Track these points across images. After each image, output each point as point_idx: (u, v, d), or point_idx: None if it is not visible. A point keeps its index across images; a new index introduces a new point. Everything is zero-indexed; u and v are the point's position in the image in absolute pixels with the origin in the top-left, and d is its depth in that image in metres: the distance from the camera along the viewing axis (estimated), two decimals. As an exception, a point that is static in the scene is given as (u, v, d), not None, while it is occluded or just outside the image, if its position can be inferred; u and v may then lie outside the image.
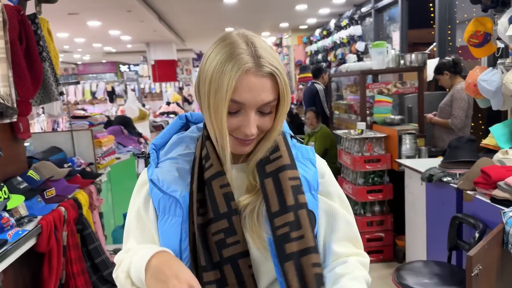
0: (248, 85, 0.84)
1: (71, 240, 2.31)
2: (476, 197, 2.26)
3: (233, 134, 0.89)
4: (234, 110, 0.87)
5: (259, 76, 0.84)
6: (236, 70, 0.83)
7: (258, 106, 0.86)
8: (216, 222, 0.88)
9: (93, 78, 17.39)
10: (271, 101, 0.87)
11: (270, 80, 0.86)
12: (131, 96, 6.11)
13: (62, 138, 3.06)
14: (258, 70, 0.84)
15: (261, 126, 0.90)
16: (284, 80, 0.87)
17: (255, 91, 0.85)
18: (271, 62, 0.86)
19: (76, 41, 10.77)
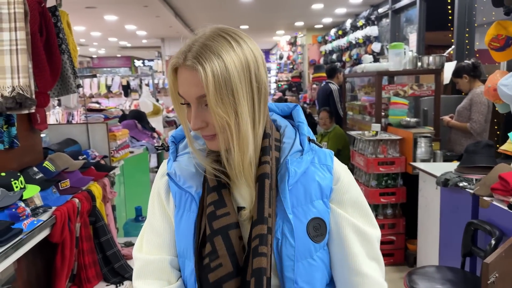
0: (180, 80, 0.86)
1: (84, 231, 2.32)
2: (493, 203, 2.23)
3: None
4: (184, 102, 0.88)
5: (187, 70, 0.84)
6: (170, 65, 0.88)
7: (194, 100, 0.85)
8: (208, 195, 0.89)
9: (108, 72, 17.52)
10: (202, 95, 0.83)
11: (194, 74, 0.83)
12: (145, 91, 6.14)
13: (77, 131, 3.07)
14: (184, 65, 0.84)
15: (208, 120, 0.86)
16: (205, 73, 0.81)
17: (186, 85, 0.85)
18: (197, 55, 0.83)
19: (92, 34, 10.86)
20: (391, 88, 3.98)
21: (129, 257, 2.68)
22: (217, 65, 0.82)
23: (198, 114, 0.85)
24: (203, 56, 0.82)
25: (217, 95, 0.81)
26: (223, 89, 0.82)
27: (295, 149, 0.92)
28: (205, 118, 0.86)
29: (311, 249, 0.89)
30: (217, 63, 0.82)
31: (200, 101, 0.85)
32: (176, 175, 0.94)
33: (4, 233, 1.67)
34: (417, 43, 5.99)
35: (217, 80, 0.81)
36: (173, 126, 6.87)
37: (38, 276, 2.23)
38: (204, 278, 0.86)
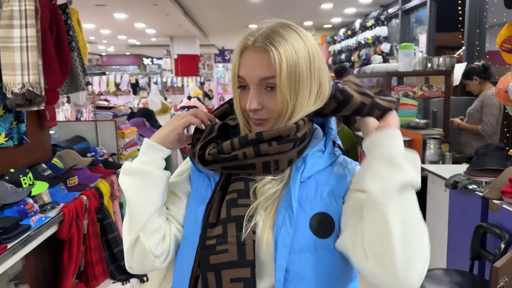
0: (245, 61, 0.88)
1: (91, 228, 2.33)
2: (503, 206, 2.20)
3: (248, 116, 0.92)
4: (241, 84, 0.90)
5: (255, 51, 0.87)
6: (238, 47, 0.90)
7: (256, 81, 0.87)
8: (233, 183, 0.89)
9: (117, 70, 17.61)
10: (267, 77, 0.86)
11: (267, 56, 0.85)
12: (154, 89, 6.16)
13: (86, 128, 3.09)
14: (254, 46, 0.87)
15: (265, 104, 0.88)
16: (279, 55, 0.84)
17: (250, 67, 0.87)
18: (268, 38, 0.86)
19: (101, 32, 10.91)
20: (401, 89, 3.96)
21: (135, 254, 2.68)
22: (288, 50, 0.85)
23: (256, 95, 0.87)
24: (274, 39, 0.86)
25: (287, 78, 0.85)
26: (292, 73, 0.85)
27: (317, 148, 0.93)
28: (262, 101, 0.88)
29: (312, 243, 0.85)
30: (288, 47, 0.85)
31: (261, 83, 0.87)
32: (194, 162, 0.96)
33: (13, 229, 1.68)
34: (427, 44, 5.95)
35: (289, 64, 0.85)
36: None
37: (46, 273, 2.24)
38: (204, 258, 0.85)
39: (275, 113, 0.88)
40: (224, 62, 17.38)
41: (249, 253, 0.83)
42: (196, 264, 0.88)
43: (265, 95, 0.88)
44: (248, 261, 0.83)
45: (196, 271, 0.88)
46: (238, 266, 0.82)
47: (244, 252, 0.83)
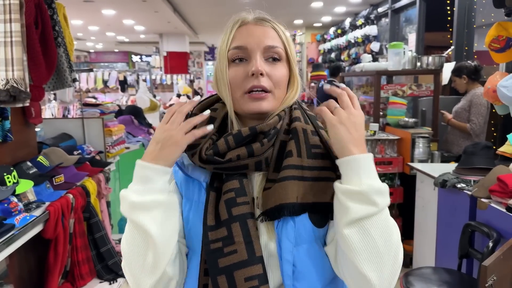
0: (248, 32, 0.89)
1: (77, 227, 2.30)
2: (491, 205, 2.21)
3: (244, 88, 0.87)
4: (237, 57, 0.88)
5: (258, 25, 0.90)
6: (234, 23, 0.91)
7: (262, 49, 0.88)
8: (227, 182, 0.87)
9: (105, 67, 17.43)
10: (276, 46, 0.89)
11: (272, 31, 0.90)
12: (142, 86, 6.11)
13: (73, 125, 3.04)
14: (258, 22, 0.90)
15: (272, 74, 0.88)
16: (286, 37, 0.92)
17: (256, 36, 0.88)
18: (271, 20, 0.92)
19: (90, 29, 10.79)
20: (390, 88, 3.97)
21: (123, 254, 2.65)
22: (284, 29, 0.93)
23: (262, 62, 0.87)
24: (272, 19, 0.93)
25: (293, 54, 0.92)
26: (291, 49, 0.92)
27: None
28: (268, 70, 0.88)
29: (312, 233, 0.85)
30: (283, 28, 0.93)
31: (266, 52, 0.88)
32: (184, 164, 0.91)
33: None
34: (416, 43, 5.98)
35: (290, 41, 0.92)
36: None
37: (31, 272, 2.20)
38: (212, 262, 0.82)
39: (279, 84, 0.89)
40: (214, 60, 17.33)
41: (258, 249, 0.83)
42: (202, 273, 0.86)
43: (267, 65, 0.88)
44: (258, 258, 0.82)
45: (203, 280, 0.86)
46: (249, 264, 0.81)
47: (253, 250, 0.82)
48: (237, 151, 0.85)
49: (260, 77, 0.86)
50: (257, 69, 0.85)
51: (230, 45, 0.89)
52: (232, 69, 0.89)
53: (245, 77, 0.87)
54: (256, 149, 0.85)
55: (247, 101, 0.87)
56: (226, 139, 0.86)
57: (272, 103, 0.88)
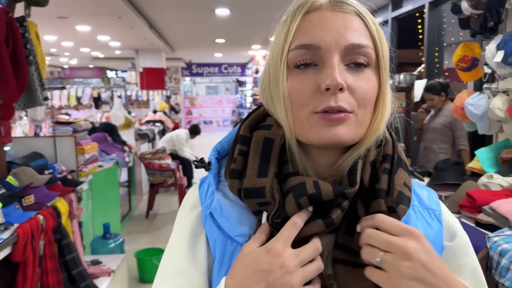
0: (321, 21, 0.60)
1: (48, 250, 2.23)
2: (461, 220, 2.26)
3: (314, 108, 0.59)
4: (303, 61, 0.60)
5: (337, 11, 0.61)
6: (299, 6, 0.62)
7: (342, 49, 0.59)
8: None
9: (79, 83, 17.23)
10: (363, 44, 0.60)
11: (356, 20, 0.61)
12: (117, 103, 6.05)
13: (44, 144, 2.98)
14: (336, 7, 0.61)
15: (355, 88, 0.59)
16: (375, 26, 0.62)
17: (333, 28, 0.59)
18: (354, 3, 0.62)
19: (63, 45, 10.65)
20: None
21: (95, 276, 2.59)
22: (373, 18, 0.63)
23: (341, 70, 0.59)
24: (362, 7, 0.63)
25: (386, 59, 0.63)
26: (383, 48, 0.63)
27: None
28: (349, 81, 0.59)
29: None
30: (372, 16, 0.64)
31: (348, 54, 0.59)
32: (222, 214, 0.64)
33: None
34: (389, 61, 6.12)
35: (382, 35, 0.63)
36: (145, 139, 6.78)
37: (-3, 297, 2.12)
38: None
39: (365, 102, 0.60)
40: (192, 76, 17.32)
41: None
42: None
43: (348, 73, 0.60)
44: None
45: None
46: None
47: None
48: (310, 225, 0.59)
49: (339, 94, 0.58)
50: (335, 82, 0.57)
51: (292, 41, 0.60)
52: (295, 79, 0.60)
53: (315, 92, 0.59)
54: (336, 218, 0.58)
55: (316, 124, 0.59)
56: (298, 202, 0.58)
57: (352, 129, 0.60)
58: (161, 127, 8.22)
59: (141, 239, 4.36)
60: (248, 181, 0.61)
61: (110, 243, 3.12)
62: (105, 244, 3.11)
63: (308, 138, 0.61)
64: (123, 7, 6.05)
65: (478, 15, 2.63)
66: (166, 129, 8.49)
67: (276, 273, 0.55)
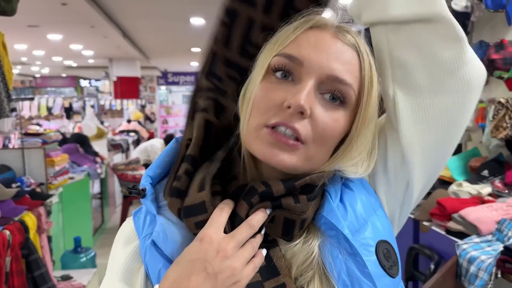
0: (316, 41, 0.58)
1: (15, 266, 2.16)
2: (432, 228, 2.30)
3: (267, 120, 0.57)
4: (281, 67, 0.57)
5: (337, 39, 0.58)
6: (305, 21, 0.59)
7: (323, 75, 0.56)
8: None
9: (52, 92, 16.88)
10: (344, 81, 0.56)
11: (351, 54, 0.59)
12: (89, 113, 5.95)
13: (12, 156, 2.90)
14: (339, 33, 0.59)
15: (319, 119, 0.56)
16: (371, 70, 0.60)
17: (325, 52, 0.57)
18: (360, 39, 0.61)
19: (35, 53, 10.44)
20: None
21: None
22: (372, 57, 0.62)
23: (311, 94, 0.55)
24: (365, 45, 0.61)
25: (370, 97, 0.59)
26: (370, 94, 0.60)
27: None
28: (313, 107, 0.56)
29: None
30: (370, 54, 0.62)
31: (325, 84, 0.57)
32: (166, 239, 0.58)
33: None
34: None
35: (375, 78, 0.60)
36: (119, 149, 6.68)
37: (-40, 318, 2.03)
38: None
39: (323, 139, 0.57)
40: (167, 85, 17.21)
41: None
42: None
43: (319, 103, 0.57)
44: None
45: None
46: None
47: None
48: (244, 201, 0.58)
49: (298, 117, 0.55)
50: (298, 103, 0.54)
51: (281, 47, 0.58)
52: (267, 84, 0.58)
53: (277, 106, 0.56)
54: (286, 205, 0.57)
55: (262, 137, 0.57)
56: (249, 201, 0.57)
57: (298, 161, 0.57)
58: (135, 137, 8.12)
59: None
60: (189, 199, 0.58)
61: (82, 257, 3.04)
62: (76, 259, 3.03)
63: (251, 148, 0.59)
64: (95, 16, 5.98)
65: (445, 27, 2.70)
66: (141, 139, 8.39)
67: (215, 260, 0.52)
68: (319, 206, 0.60)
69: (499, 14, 2.24)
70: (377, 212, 0.63)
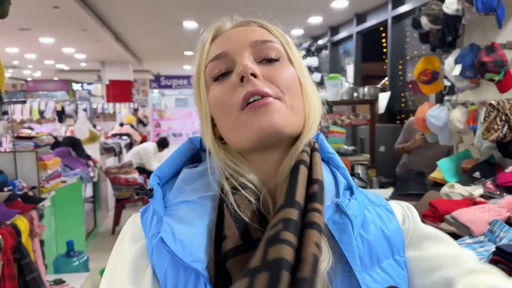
0: (227, 36, 0.64)
1: (6, 270, 2.14)
2: (425, 230, 2.31)
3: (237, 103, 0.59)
4: (219, 71, 0.62)
5: (240, 27, 0.65)
6: (206, 37, 0.66)
7: (247, 46, 0.61)
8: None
9: (44, 96, 16.76)
10: (265, 39, 0.62)
11: (257, 28, 0.65)
12: (81, 116, 5.92)
13: (3, 160, 2.88)
14: (236, 25, 0.66)
15: (271, 75, 0.60)
16: (282, 34, 0.66)
17: (237, 36, 0.63)
18: (257, 20, 0.67)
19: (26, 57, 10.38)
20: (330, 117, 4.10)
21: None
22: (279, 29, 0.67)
23: (250, 62, 0.60)
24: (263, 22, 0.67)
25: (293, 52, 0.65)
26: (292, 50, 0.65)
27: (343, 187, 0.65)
28: (264, 71, 0.60)
29: None
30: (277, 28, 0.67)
31: (256, 51, 0.62)
32: (174, 238, 0.57)
33: None
34: (354, 73, 6.27)
35: (290, 41, 0.66)
36: (112, 153, 6.64)
37: (-49, 323, 2.01)
38: None
39: (288, 86, 0.60)
40: (160, 88, 17.17)
41: None
42: None
43: (261, 67, 0.61)
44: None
45: None
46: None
47: None
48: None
49: (255, 80, 0.58)
50: (245, 68, 0.58)
51: (206, 60, 0.64)
52: (214, 90, 0.62)
53: (233, 90, 0.60)
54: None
55: (247, 119, 0.58)
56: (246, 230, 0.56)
57: (287, 115, 0.59)
58: (128, 141, 8.08)
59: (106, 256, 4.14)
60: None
61: (74, 261, 3.02)
62: (69, 263, 3.01)
63: (246, 137, 0.59)
64: (88, 19, 5.97)
65: (437, 30, 2.73)
66: (134, 142, 8.35)
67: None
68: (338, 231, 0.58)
69: (490, 17, 2.27)
70: (395, 257, 0.62)
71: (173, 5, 5.63)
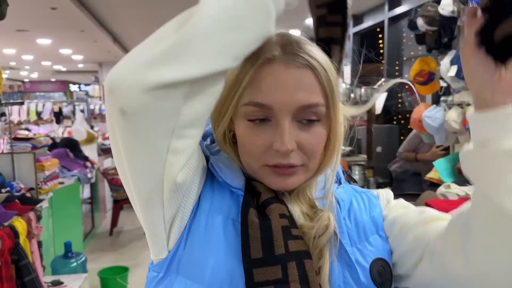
0: (274, 80, 0.61)
1: (4, 272, 2.15)
2: (421, 230, 2.33)
3: (265, 161, 0.64)
4: (257, 117, 0.62)
5: (290, 67, 0.61)
6: (254, 60, 0.60)
7: (293, 110, 0.61)
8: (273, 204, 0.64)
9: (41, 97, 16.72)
10: (312, 104, 0.62)
11: (308, 75, 0.61)
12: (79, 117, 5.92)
13: (1, 161, 2.88)
14: (289, 61, 0.61)
15: (303, 143, 0.63)
16: (327, 76, 0.63)
17: (286, 88, 0.60)
18: (308, 52, 0.62)
19: (24, 58, 10.36)
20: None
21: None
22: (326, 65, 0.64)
23: (291, 131, 0.62)
24: (317, 54, 0.63)
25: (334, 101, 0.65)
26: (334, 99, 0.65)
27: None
28: (298, 138, 0.63)
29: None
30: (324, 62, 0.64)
31: (299, 114, 0.62)
32: (220, 168, 0.67)
33: None
34: (351, 75, 6.29)
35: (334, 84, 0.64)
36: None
37: (-51, 324, 2.01)
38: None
39: (314, 154, 0.65)
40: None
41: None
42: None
43: (300, 130, 0.63)
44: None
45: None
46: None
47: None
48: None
49: (289, 153, 0.63)
50: (285, 149, 0.61)
51: (244, 93, 0.62)
52: (247, 130, 0.64)
53: (267, 148, 0.63)
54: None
55: (268, 174, 0.65)
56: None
57: (303, 177, 0.66)
58: (126, 142, 8.05)
59: (104, 257, 4.23)
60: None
61: (72, 263, 3.02)
62: (67, 264, 3.01)
63: (259, 178, 0.67)
64: (85, 20, 5.97)
65: (433, 32, 2.75)
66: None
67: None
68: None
69: (485, 19, 2.29)
70: (380, 233, 0.71)
71: (171, 6, 5.64)
